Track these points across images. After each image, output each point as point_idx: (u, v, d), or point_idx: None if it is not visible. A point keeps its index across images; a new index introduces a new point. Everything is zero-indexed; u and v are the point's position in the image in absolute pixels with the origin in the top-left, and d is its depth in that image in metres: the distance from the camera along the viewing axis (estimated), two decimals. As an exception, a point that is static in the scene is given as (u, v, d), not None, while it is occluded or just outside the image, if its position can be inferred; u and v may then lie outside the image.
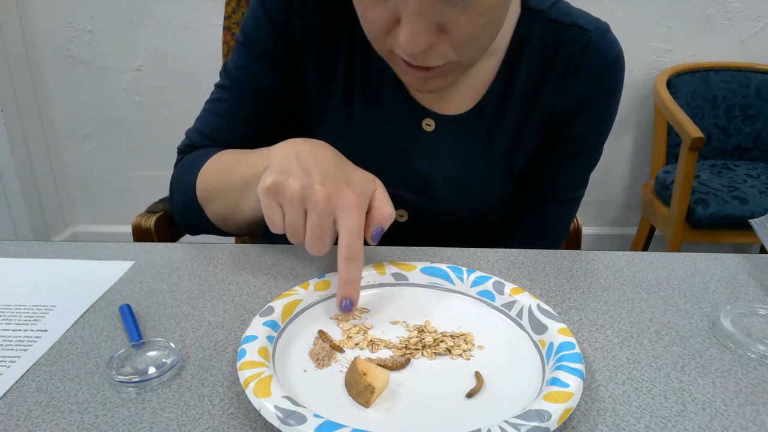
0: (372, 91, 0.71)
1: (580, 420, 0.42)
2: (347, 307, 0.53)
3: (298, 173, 0.52)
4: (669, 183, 1.83)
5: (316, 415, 0.39)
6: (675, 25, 2.00)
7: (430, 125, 0.71)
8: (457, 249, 0.69)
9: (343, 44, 0.70)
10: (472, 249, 0.69)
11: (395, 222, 0.77)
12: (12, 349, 0.50)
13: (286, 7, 0.68)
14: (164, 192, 0.94)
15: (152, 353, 0.49)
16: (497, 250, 0.69)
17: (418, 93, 0.71)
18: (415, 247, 0.69)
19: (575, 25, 0.68)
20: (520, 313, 0.53)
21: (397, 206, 0.74)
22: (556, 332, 0.49)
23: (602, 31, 0.69)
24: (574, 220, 0.87)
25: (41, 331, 0.53)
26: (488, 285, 0.57)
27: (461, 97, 0.71)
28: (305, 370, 0.47)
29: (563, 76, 0.69)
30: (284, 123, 0.74)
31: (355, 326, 0.53)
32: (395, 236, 0.76)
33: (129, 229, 0.87)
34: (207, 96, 0.76)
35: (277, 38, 0.70)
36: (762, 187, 1.78)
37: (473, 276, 0.58)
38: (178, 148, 0.77)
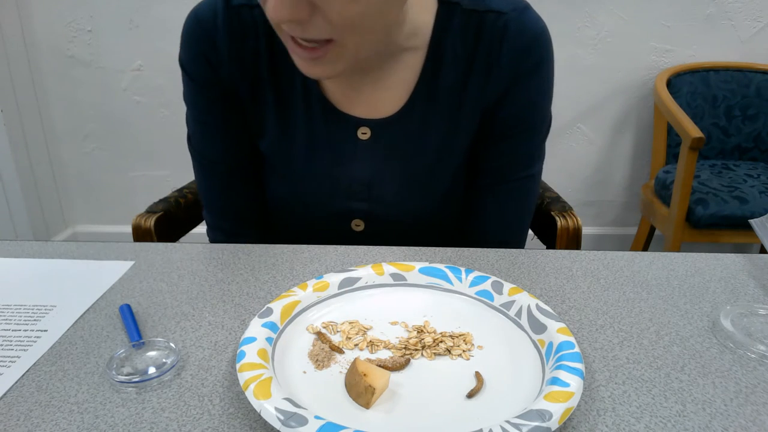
0: (302, 113, 0.72)
1: (580, 420, 0.42)
2: None
3: None
4: (669, 183, 1.83)
5: (317, 417, 0.39)
6: (675, 25, 2.00)
7: (365, 133, 0.72)
8: (456, 249, 0.69)
9: (264, 73, 0.71)
10: (471, 249, 0.69)
11: (353, 232, 0.78)
12: (12, 349, 0.50)
13: (205, 69, 0.71)
14: (164, 192, 0.95)
15: (152, 353, 0.49)
16: (497, 250, 0.69)
17: (347, 104, 0.72)
18: (414, 246, 0.69)
19: (491, 11, 0.68)
20: (519, 313, 0.53)
21: (351, 217, 0.76)
22: (556, 332, 0.49)
23: (520, 10, 0.69)
24: (574, 219, 0.87)
25: (41, 331, 0.53)
26: (487, 285, 0.57)
27: (390, 98, 0.72)
28: (305, 372, 0.47)
29: (487, 63, 0.69)
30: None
31: (354, 327, 0.53)
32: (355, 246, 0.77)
33: (129, 229, 0.87)
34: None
35: (210, 95, 0.73)
36: (762, 187, 1.77)
37: (472, 276, 0.58)
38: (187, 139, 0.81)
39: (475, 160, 0.76)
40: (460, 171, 0.76)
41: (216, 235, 0.82)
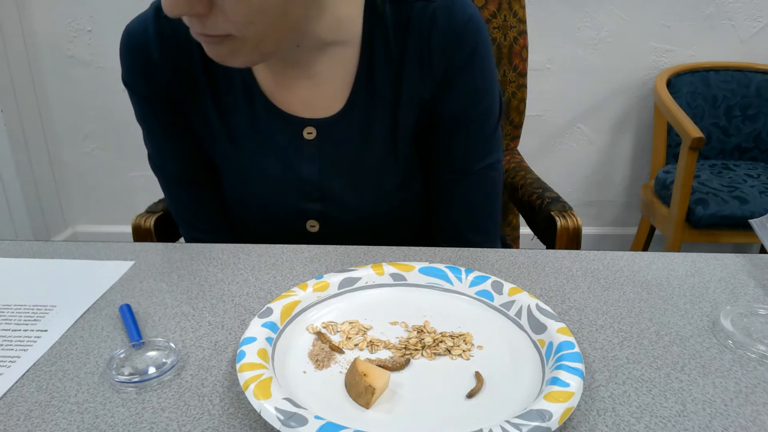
0: (246, 116, 0.72)
1: (580, 420, 0.42)
2: None
3: None
4: (669, 183, 1.83)
5: (317, 417, 0.39)
6: (675, 25, 2.00)
7: (311, 133, 0.72)
8: (456, 249, 0.69)
9: (201, 79, 0.71)
10: (471, 249, 0.69)
11: (309, 233, 0.77)
12: (12, 349, 0.51)
13: (145, 83, 0.72)
14: (164, 192, 0.94)
15: (152, 353, 0.49)
16: (497, 250, 0.69)
17: (289, 104, 0.72)
18: (414, 246, 0.69)
19: (419, 0, 0.68)
20: (519, 313, 0.53)
21: (305, 218, 0.76)
22: (556, 332, 0.49)
23: None
24: (574, 219, 0.87)
25: (41, 331, 0.53)
26: (487, 285, 0.57)
27: (331, 96, 0.71)
28: (305, 372, 0.47)
29: (419, 53, 0.68)
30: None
31: (354, 327, 0.53)
32: None
33: (129, 229, 0.87)
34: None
35: (155, 109, 0.74)
36: (762, 187, 1.77)
37: (472, 276, 0.58)
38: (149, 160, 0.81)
39: (431, 156, 0.75)
40: (412, 166, 0.75)
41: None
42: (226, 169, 0.76)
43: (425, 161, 0.76)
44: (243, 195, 0.77)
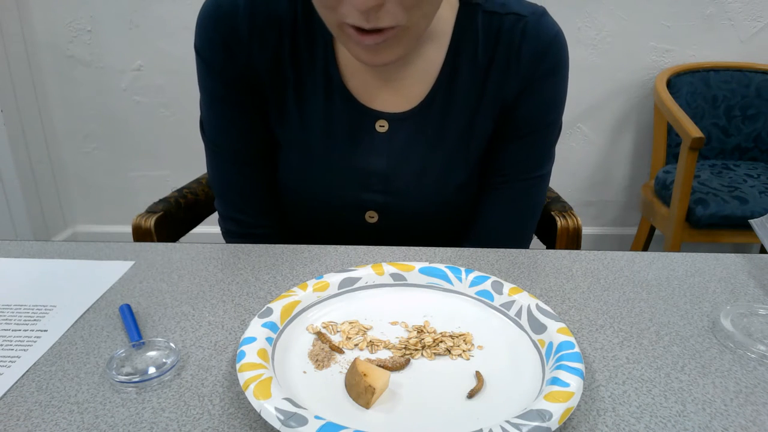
0: (322, 103, 0.73)
1: (580, 420, 0.42)
2: None
3: None
4: (669, 183, 1.83)
5: (317, 417, 0.39)
6: (675, 25, 2.00)
7: (383, 126, 0.73)
8: (456, 249, 0.69)
9: (286, 62, 0.72)
10: (471, 249, 0.69)
11: (366, 223, 0.78)
12: (12, 349, 0.51)
13: (223, 55, 0.71)
14: (164, 192, 0.95)
15: (152, 353, 0.49)
16: (497, 250, 0.69)
17: (367, 97, 0.72)
18: (414, 246, 0.69)
19: (512, 13, 0.71)
20: (519, 313, 0.53)
21: (365, 208, 0.77)
22: (556, 332, 0.49)
23: (538, 15, 0.72)
24: (574, 219, 0.87)
25: (41, 331, 0.53)
26: (487, 285, 0.57)
27: (410, 93, 0.73)
28: (305, 372, 0.47)
29: (506, 62, 0.71)
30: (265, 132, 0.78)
31: (354, 327, 0.53)
32: (368, 237, 0.78)
33: (129, 229, 0.87)
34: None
35: (225, 82, 0.73)
36: (762, 187, 1.77)
37: (472, 276, 0.58)
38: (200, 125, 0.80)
39: (489, 158, 0.77)
40: (476, 167, 0.77)
41: (228, 225, 0.81)
42: (292, 152, 0.76)
43: (484, 163, 0.78)
44: (307, 180, 0.76)
